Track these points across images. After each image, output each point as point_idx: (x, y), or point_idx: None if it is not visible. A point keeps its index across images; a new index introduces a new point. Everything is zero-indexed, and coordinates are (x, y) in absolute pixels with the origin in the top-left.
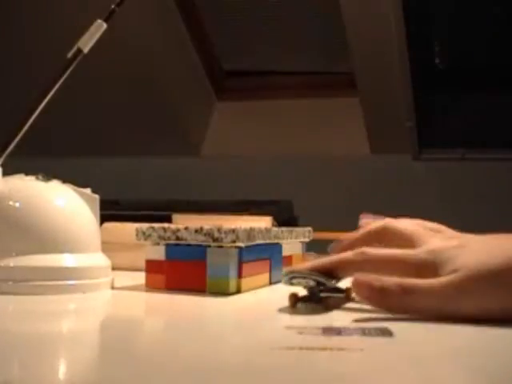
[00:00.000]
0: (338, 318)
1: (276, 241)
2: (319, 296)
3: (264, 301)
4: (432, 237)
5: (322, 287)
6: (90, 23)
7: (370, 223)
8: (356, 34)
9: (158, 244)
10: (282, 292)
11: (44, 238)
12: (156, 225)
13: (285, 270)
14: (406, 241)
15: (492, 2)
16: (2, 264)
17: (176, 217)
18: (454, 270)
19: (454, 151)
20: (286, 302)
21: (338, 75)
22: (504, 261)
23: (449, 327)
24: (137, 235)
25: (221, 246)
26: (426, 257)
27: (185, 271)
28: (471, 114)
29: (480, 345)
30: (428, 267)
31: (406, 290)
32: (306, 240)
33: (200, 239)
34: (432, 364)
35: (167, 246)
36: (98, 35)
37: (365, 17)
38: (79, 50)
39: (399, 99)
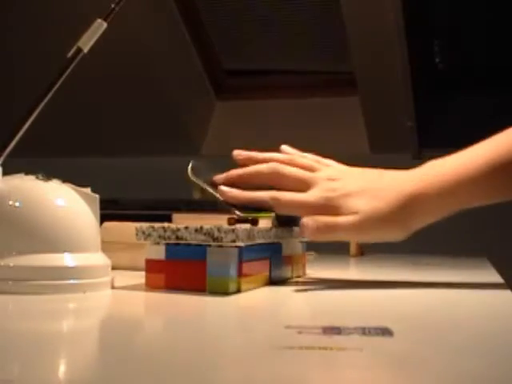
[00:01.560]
0: (338, 315)
1: (276, 240)
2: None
3: (264, 300)
4: (322, 180)
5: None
6: (90, 23)
7: (253, 158)
8: (356, 33)
9: (158, 243)
10: (282, 292)
11: (44, 238)
12: (156, 224)
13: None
14: (298, 183)
15: (492, 2)
16: (2, 263)
17: (176, 216)
18: (354, 213)
19: (454, 151)
20: (286, 302)
21: (338, 74)
22: (393, 204)
23: (448, 327)
24: (137, 235)
25: (221, 246)
26: (324, 202)
27: (185, 271)
28: (471, 113)
29: (480, 345)
30: (327, 209)
31: (330, 228)
32: (307, 239)
33: (200, 239)
34: (432, 364)
35: (167, 245)
36: (98, 35)
37: (365, 16)
38: (79, 50)
39: (399, 98)
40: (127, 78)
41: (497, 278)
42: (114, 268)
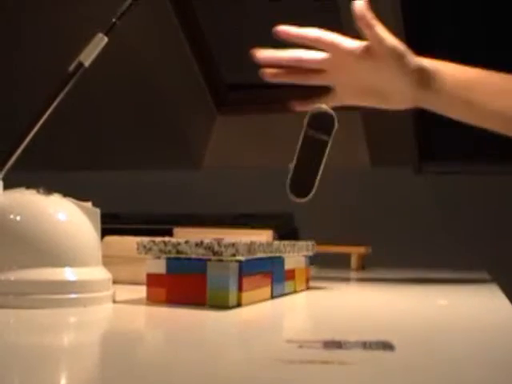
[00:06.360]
0: (339, 329)
1: (278, 254)
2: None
3: (265, 314)
4: None
5: None
6: (91, 37)
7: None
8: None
9: (158, 258)
10: (283, 306)
11: (45, 252)
12: (157, 238)
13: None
14: None
15: (492, 4)
16: (3, 278)
17: (177, 230)
18: None
19: (455, 164)
20: (287, 315)
21: None
22: None
23: (449, 341)
24: (138, 249)
25: (221, 260)
26: None
27: (185, 285)
28: (472, 127)
29: (481, 358)
30: None
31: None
32: (310, 254)
33: (200, 253)
34: (433, 378)
35: (168, 259)
36: (98, 49)
37: None
38: (80, 64)
39: (400, 111)
40: (128, 92)
41: (497, 292)
42: (114, 282)
